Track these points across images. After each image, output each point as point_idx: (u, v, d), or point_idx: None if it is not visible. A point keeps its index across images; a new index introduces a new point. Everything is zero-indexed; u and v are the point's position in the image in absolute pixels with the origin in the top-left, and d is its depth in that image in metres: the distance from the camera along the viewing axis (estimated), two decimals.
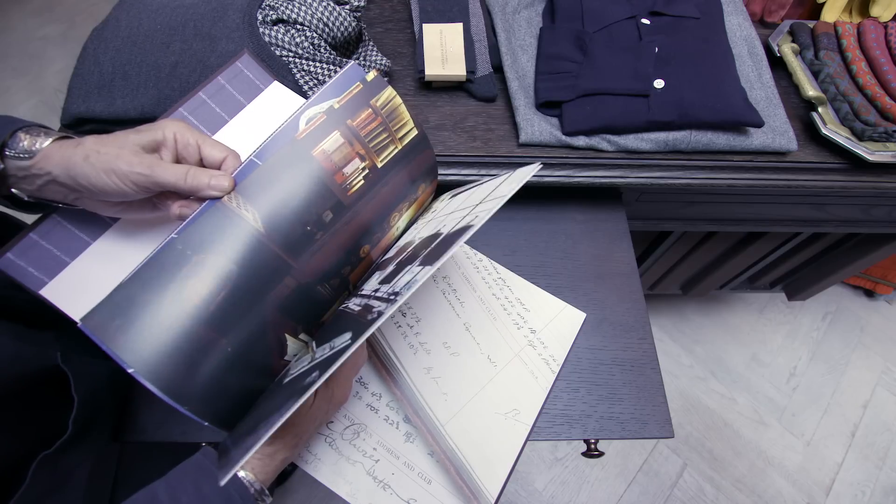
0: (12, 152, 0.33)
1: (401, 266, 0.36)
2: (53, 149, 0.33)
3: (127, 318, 0.30)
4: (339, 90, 0.39)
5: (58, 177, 0.33)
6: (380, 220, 0.42)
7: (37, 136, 0.34)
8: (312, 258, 0.37)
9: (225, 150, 0.36)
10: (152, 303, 0.31)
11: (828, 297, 1.45)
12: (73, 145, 0.33)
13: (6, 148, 0.34)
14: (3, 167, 0.34)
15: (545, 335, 0.54)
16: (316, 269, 0.38)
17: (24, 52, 1.76)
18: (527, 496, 1.16)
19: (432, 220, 0.42)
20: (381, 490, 0.44)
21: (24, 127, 0.35)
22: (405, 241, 0.43)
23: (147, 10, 0.56)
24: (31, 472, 0.36)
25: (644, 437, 0.51)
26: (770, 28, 0.76)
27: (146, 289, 0.31)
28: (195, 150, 0.35)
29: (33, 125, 0.36)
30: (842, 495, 1.18)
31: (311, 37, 0.54)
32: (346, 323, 0.34)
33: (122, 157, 0.33)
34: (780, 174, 0.63)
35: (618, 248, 0.62)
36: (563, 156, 0.61)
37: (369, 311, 0.32)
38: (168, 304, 0.31)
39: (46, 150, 0.33)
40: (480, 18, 0.69)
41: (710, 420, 1.26)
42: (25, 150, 0.33)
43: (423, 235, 0.39)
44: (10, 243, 0.39)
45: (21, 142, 0.34)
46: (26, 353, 0.39)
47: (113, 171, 0.32)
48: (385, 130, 0.41)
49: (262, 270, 0.35)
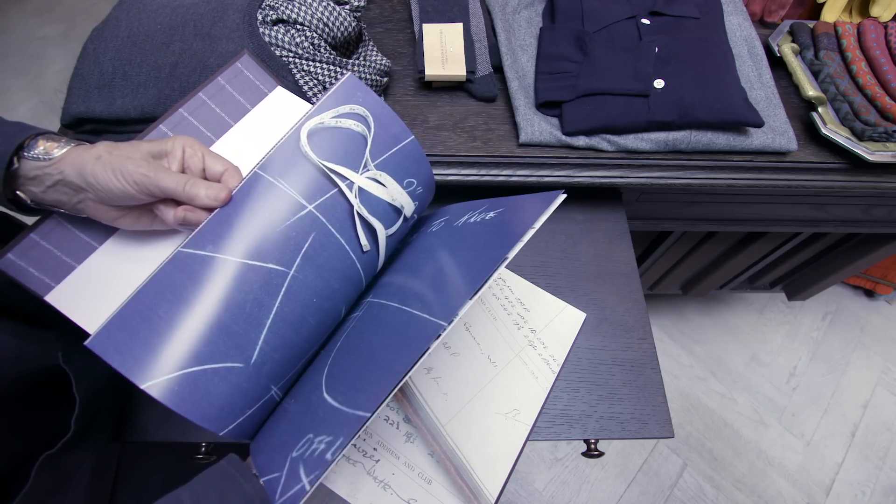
0: (31, 153, 0.35)
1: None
2: (70, 151, 0.36)
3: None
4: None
5: (68, 176, 0.35)
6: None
7: (57, 141, 0.36)
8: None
9: (226, 164, 0.38)
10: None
11: (828, 297, 1.45)
12: (87, 148, 0.36)
13: (24, 149, 0.35)
14: (17, 167, 0.35)
15: (545, 335, 0.54)
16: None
17: (24, 52, 1.76)
18: (527, 496, 1.16)
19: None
20: (382, 490, 0.44)
21: (44, 133, 0.37)
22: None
23: (147, 10, 0.56)
24: (33, 472, 0.36)
25: (644, 437, 0.51)
26: (770, 28, 0.76)
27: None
28: (200, 161, 0.38)
29: (51, 132, 0.38)
30: (842, 495, 1.18)
31: (311, 37, 0.54)
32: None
33: (131, 159, 0.35)
34: (780, 174, 0.63)
35: (618, 248, 0.62)
36: (563, 156, 0.61)
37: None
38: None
39: (65, 153, 0.35)
40: (480, 18, 0.69)
41: (710, 420, 1.26)
42: (45, 152, 0.35)
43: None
44: (11, 244, 0.39)
45: (40, 146, 0.36)
46: (28, 353, 0.39)
47: (120, 171, 0.34)
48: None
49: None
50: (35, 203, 0.37)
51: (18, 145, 0.35)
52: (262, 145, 0.45)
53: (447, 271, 0.36)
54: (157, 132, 0.44)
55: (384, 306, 0.38)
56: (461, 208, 0.46)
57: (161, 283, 0.33)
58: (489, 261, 0.32)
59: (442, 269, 0.37)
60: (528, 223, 0.33)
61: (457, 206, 0.48)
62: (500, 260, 0.31)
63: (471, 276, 0.32)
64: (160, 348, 0.32)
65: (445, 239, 0.41)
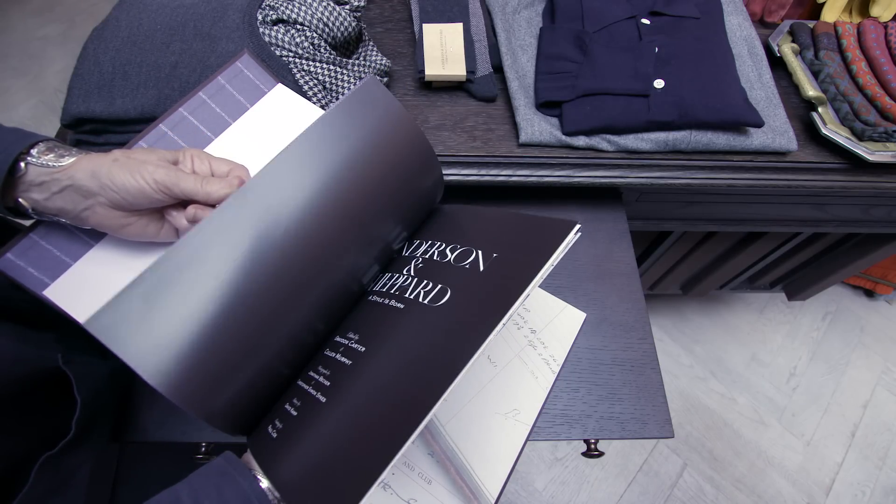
0: (38, 160, 0.36)
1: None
2: (83, 157, 0.36)
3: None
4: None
5: (78, 180, 0.35)
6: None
7: (68, 149, 0.37)
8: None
9: (231, 164, 0.40)
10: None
11: (828, 297, 1.45)
12: (102, 153, 0.37)
13: (30, 155, 0.36)
14: (24, 172, 0.35)
15: (545, 335, 0.54)
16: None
17: (24, 52, 1.76)
18: (527, 496, 1.16)
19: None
20: (382, 490, 0.44)
21: (46, 140, 0.37)
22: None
23: (147, 10, 0.56)
24: (34, 473, 0.36)
25: (644, 437, 0.51)
26: (770, 28, 0.76)
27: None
28: (207, 167, 0.40)
29: (54, 139, 0.38)
30: (842, 495, 1.18)
31: (311, 37, 0.54)
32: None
33: (147, 162, 0.36)
34: (780, 174, 0.63)
35: (618, 248, 0.62)
36: (563, 156, 0.61)
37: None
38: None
39: (76, 159, 0.36)
40: (480, 18, 0.69)
41: (710, 420, 1.26)
42: (55, 158, 0.36)
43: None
44: (10, 244, 0.39)
45: (49, 153, 0.36)
46: (28, 355, 0.39)
47: (138, 171, 0.35)
48: None
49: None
50: (36, 212, 0.37)
51: (21, 152, 0.35)
52: (260, 143, 0.45)
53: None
54: (157, 132, 0.44)
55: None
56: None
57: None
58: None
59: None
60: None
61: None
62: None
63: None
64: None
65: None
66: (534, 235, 0.35)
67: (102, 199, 0.36)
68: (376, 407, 0.30)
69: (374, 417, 0.29)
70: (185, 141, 0.45)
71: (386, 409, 0.29)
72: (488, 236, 0.38)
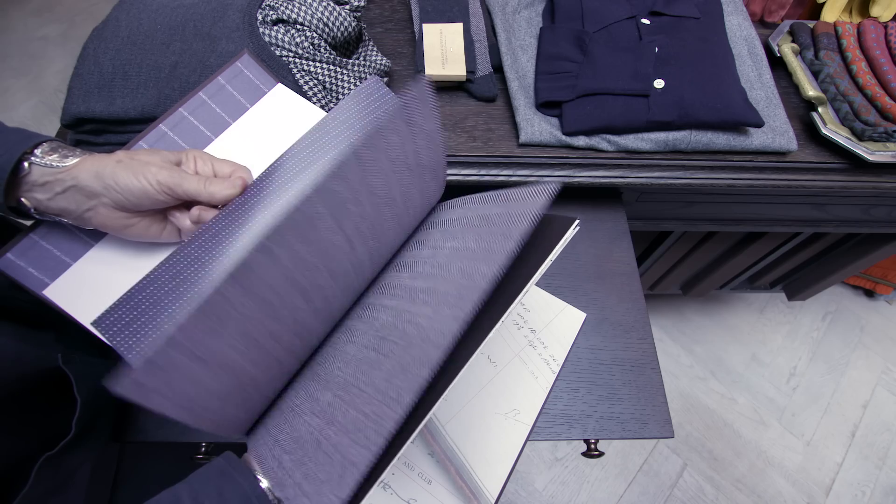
0: (43, 160, 0.36)
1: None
2: (86, 158, 0.36)
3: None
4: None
5: (82, 181, 0.35)
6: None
7: (72, 150, 0.37)
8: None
9: (234, 165, 0.40)
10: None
11: (828, 297, 1.45)
12: (105, 154, 0.37)
13: (34, 155, 0.36)
14: (27, 172, 0.35)
15: (545, 335, 0.54)
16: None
17: (24, 52, 1.76)
18: (527, 496, 1.16)
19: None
20: (382, 490, 0.44)
21: (50, 140, 0.37)
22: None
23: (147, 10, 0.56)
24: (34, 473, 0.36)
25: (644, 437, 0.51)
26: (770, 28, 0.76)
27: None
28: (210, 169, 0.40)
29: (57, 140, 0.38)
30: (842, 495, 1.18)
31: (311, 37, 0.54)
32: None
33: (151, 163, 0.36)
34: (780, 174, 0.63)
35: (618, 248, 0.62)
36: (563, 156, 0.61)
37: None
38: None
39: (80, 160, 0.36)
40: (480, 18, 0.69)
41: (710, 420, 1.26)
42: (59, 159, 0.36)
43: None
44: (10, 244, 0.39)
45: (53, 153, 0.36)
46: (28, 355, 0.39)
47: (142, 172, 0.35)
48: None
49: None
50: (38, 212, 0.37)
51: (24, 152, 0.35)
52: (260, 143, 0.45)
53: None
54: (157, 132, 0.44)
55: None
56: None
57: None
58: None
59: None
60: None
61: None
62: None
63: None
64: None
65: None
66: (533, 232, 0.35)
67: (106, 200, 0.36)
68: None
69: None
70: (185, 141, 0.45)
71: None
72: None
